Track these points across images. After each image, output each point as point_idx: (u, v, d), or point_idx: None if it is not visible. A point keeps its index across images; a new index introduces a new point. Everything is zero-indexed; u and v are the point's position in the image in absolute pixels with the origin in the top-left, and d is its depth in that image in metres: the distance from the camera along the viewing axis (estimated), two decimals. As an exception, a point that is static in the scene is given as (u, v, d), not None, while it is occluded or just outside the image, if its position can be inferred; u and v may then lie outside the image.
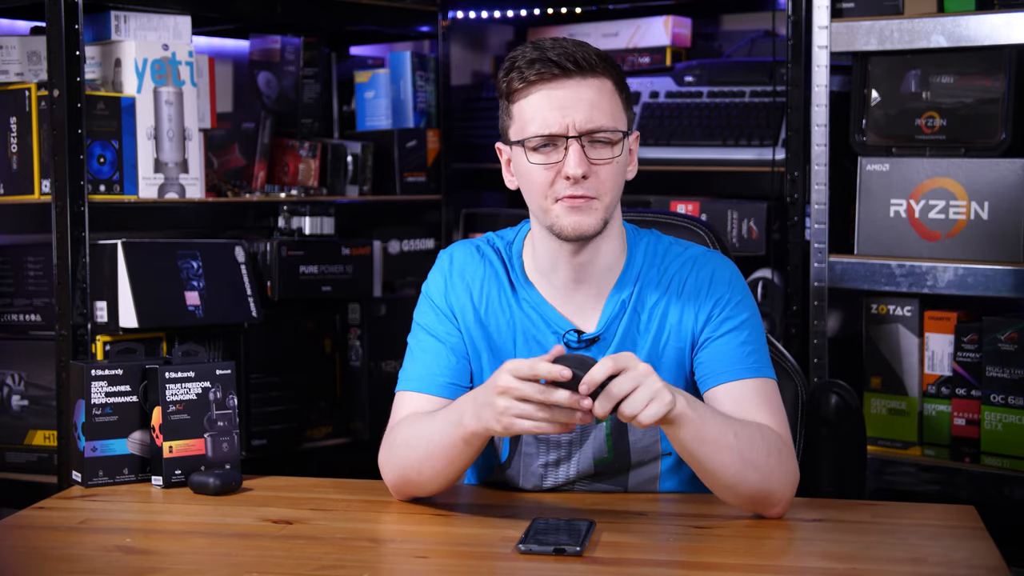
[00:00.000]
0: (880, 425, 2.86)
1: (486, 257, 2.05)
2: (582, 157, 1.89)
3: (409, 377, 2.03)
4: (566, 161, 1.89)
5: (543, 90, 1.91)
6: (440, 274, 2.06)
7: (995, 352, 2.71)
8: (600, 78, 1.92)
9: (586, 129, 1.89)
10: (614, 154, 1.92)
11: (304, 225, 3.05)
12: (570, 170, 1.89)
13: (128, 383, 2.16)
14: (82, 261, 2.64)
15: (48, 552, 1.82)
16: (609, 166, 1.91)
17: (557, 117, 1.89)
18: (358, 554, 1.77)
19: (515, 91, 1.93)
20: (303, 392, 3.11)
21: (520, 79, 1.91)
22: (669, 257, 2.02)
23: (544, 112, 1.90)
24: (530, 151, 1.92)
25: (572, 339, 1.99)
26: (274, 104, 3.32)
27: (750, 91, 3.17)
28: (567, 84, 1.90)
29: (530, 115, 1.91)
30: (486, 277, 2.04)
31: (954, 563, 1.70)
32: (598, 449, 2.01)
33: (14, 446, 2.82)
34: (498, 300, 2.03)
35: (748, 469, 1.83)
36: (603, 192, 1.91)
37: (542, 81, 1.90)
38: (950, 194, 2.74)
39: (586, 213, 1.91)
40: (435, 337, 2.03)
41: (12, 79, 2.86)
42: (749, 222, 3.07)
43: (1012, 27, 2.63)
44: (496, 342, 2.02)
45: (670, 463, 2.03)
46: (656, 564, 1.73)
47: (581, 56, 1.90)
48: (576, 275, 1.99)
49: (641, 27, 3.45)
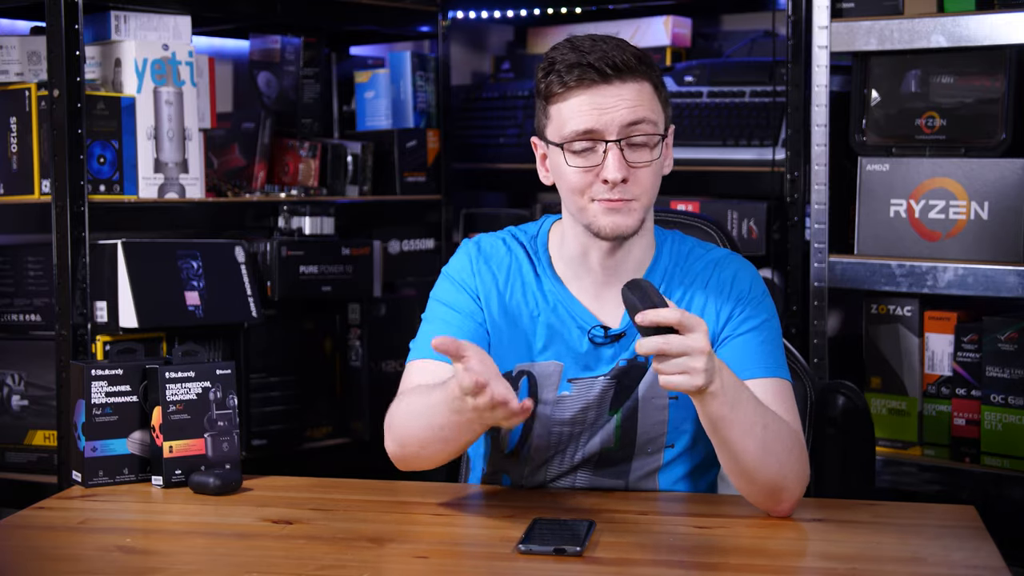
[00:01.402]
0: (880, 425, 2.86)
1: (512, 250, 2.07)
2: (621, 161, 1.91)
3: (422, 345, 2.02)
4: (605, 165, 1.91)
5: (583, 94, 1.92)
6: (467, 257, 2.07)
7: (995, 352, 2.71)
8: (639, 81, 1.93)
9: (625, 134, 1.91)
10: (652, 156, 1.94)
11: (304, 225, 3.05)
12: (609, 175, 1.91)
13: (128, 383, 2.16)
14: (82, 261, 2.64)
15: (48, 552, 1.82)
16: (648, 168, 1.94)
17: (597, 121, 1.91)
18: (358, 554, 1.77)
19: (554, 94, 1.94)
20: (303, 392, 3.11)
21: (560, 83, 1.93)
22: (692, 257, 2.05)
23: (584, 115, 1.91)
24: (569, 153, 1.94)
25: (598, 335, 2.01)
26: (274, 104, 3.32)
27: (750, 91, 3.17)
28: (607, 89, 1.91)
29: (568, 117, 1.93)
30: (512, 268, 2.06)
31: (954, 563, 1.70)
32: (606, 439, 2.02)
33: (14, 446, 2.82)
34: (523, 292, 2.04)
35: (770, 459, 1.84)
36: (641, 193, 1.94)
37: (581, 86, 1.92)
38: (950, 194, 2.74)
39: (625, 214, 1.93)
40: (452, 308, 2.03)
41: (12, 79, 2.86)
42: (749, 222, 3.07)
43: (1012, 27, 2.64)
44: (518, 333, 2.03)
45: (672, 455, 2.04)
46: (656, 564, 1.73)
47: (621, 60, 1.91)
48: (607, 272, 2.01)
49: (641, 27, 3.45)
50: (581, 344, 2.01)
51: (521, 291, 2.04)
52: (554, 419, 2.02)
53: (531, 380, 2.02)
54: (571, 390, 2.01)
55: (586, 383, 2.01)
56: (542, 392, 2.02)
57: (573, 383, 2.01)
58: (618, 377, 2.01)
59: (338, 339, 3.21)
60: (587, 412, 2.02)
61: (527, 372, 2.03)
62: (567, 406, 2.02)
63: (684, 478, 2.06)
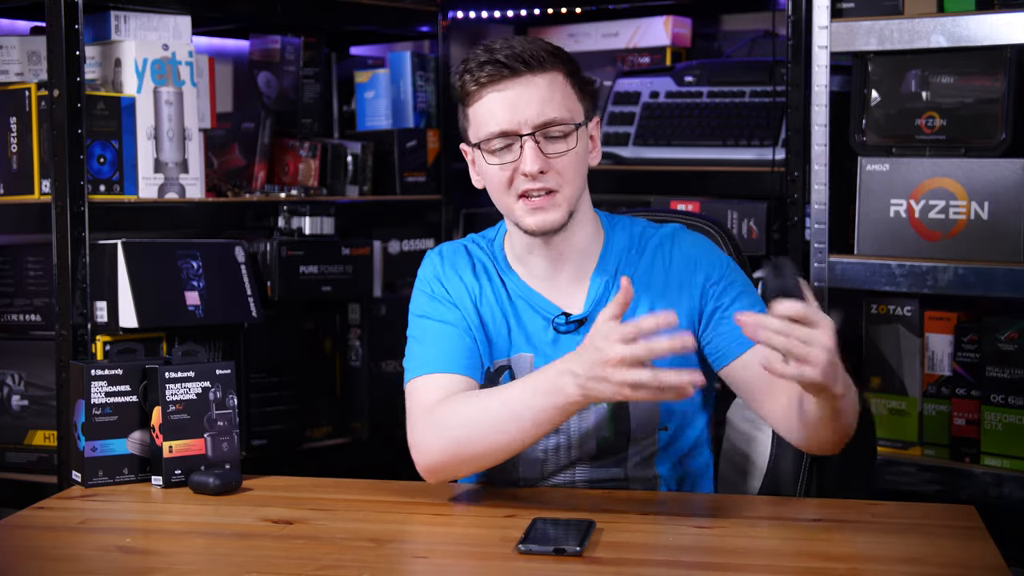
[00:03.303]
0: (880, 425, 2.86)
1: (473, 253, 2.12)
2: (537, 153, 1.95)
3: (425, 362, 2.02)
4: (522, 159, 1.96)
5: (494, 91, 1.97)
6: (432, 268, 2.11)
7: (995, 352, 2.71)
8: (550, 72, 1.97)
9: (538, 124, 1.95)
10: (569, 146, 1.97)
11: (304, 225, 3.05)
12: (526, 168, 1.95)
13: (128, 383, 2.16)
14: (82, 261, 2.64)
15: (48, 552, 1.82)
16: (566, 158, 1.97)
17: (509, 116, 1.96)
18: (358, 554, 1.77)
19: (469, 94, 1.99)
20: (303, 392, 3.11)
21: (473, 82, 1.98)
22: (645, 236, 2.09)
23: (496, 113, 1.96)
24: (487, 153, 1.99)
25: (560, 322, 2.03)
26: (274, 104, 3.32)
27: (750, 91, 3.17)
28: (517, 83, 1.96)
29: (484, 117, 1.98)
30: (477, 269, 2.10)
31: (954, 563, 1.70)
32: (600, 427, 2.04)
33: (14, 446, 2.82)
34: (490, 289, 2.08)
35: (851, 413, 1.86)
36: (563, 183, 1.97)
37: (492, 83, 1.96)
38: (950, 194, 2.74)
39: (548, 210, 1.98)
40: (442, 322, 2.05)
41: (12, 79, 2.86)
42: (749, 222, 3.07)
43: (1012, 27, 2.63)
44: (492, 330, 2.06)
45: (666, 438, 2.06)
46: (656, 564, 1.73)
47: (529, 54, 1.95)
48: (553, 261, 2.05)
49: (641, 27, 3.45)
50: (547, 333, 2.04)
51: (490, 290, 2.08)
52: None
53: (511, 374, 2.05)
54: None
55: None
56: None
57: None
58: None
59: (338, 339, 3.21)
60: None
61: (506, 367, 2.06)
62: None
63: (681, 460, 2.08)
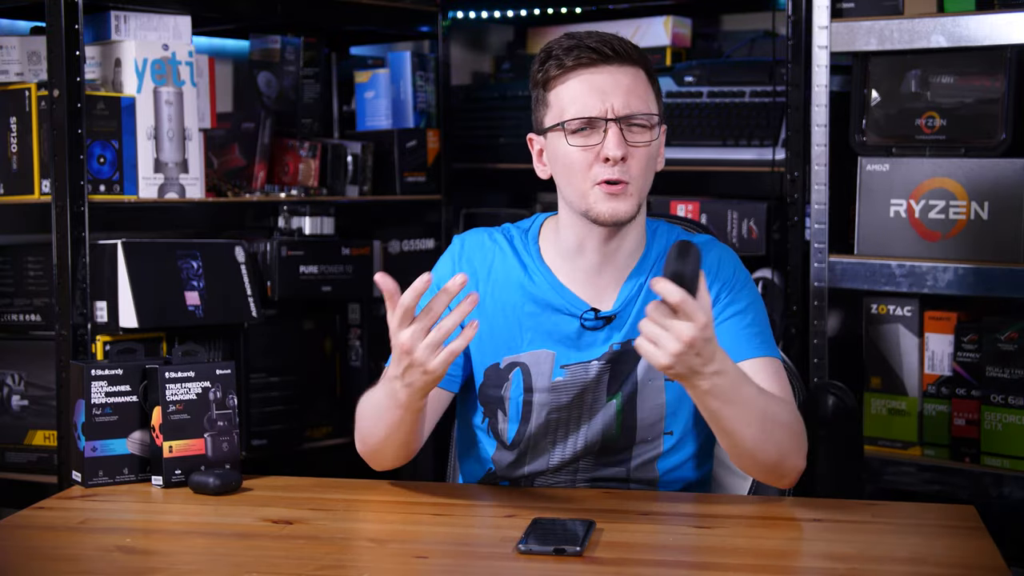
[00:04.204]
0: (880, 425, 2.86)
1: (497, 242, 2.12)
2: (621, 139, 1.95)
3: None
4: (605, 143, 1.95)
5: (582, 75, 1.97)
6: (450, 259, 2.13)
7: (995, 352, 2.71)
8: (635, 67, 1.99)
9: (624, 113, 1.96)
10: (651, 138, 1.98)
11: (304, 225, 3.05)
12: (610, 151, 1.94)
13: (128, 383, 2.16)
14: (82, 261, 2.64)
15: (48, 552, 1.82)
16: (645, 150, 1.97)
17: (596, 100, 1.95)
18: (358, 554, 1.77)
19: (552, 78, 1.99)
20: (303, 392, 3.11)
21: (558, 66, 1.98)
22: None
23: (584, 96, 1.96)
24: (569, 134, 1.97)
25: (589, 317, 2.04)
26: (274, 104, 3.32)
27: (750, 91, 3.17)
28: (605, 69, 1.97)
29: (569, 99, 1.97)
30: (496, 261, 2.09)
31: (954, 563, 1.70)
32: (607, 425, 2.04)
33: (14, 446, 2.82)
34: (507, 284, 2.08)
35: (769, 444, 1.88)
36: (637, 176, 1.98)
37: (580, 67, 1.97)
38: (950, 194, 2.74)
39: (622, 200, 1.97)
40: None
41: (12, 79, 2.86)
42: (749, 222, 3.07)
43: (1012, 27, 2.64)
44: (505, 325, 2.06)
45: (672, 442, 2.07)
46: (656, 564, 1.73)
47: (618, 44, 1.97)
48: (602, 259, 2.05)
49: (641, 27, 3.45)
50: (571, 329, 2.04)
51: (505, 284, 2.08)
52: (551, 405, 2.04)
53: (524, 371, 2.05)
54: (565, 375, 2.04)
55: (580, 367, 2.04)
56: (536, 381, 2.05)
57: (567, 368, 2.04)
58: (612, 361, 2.03)
59: (338, 339, 3.21)
60: (584, 396, 2.04)
61: (518, 363, 2.05)
62: (563, 391, 2.04)
63: (682, 465, 2.08)
